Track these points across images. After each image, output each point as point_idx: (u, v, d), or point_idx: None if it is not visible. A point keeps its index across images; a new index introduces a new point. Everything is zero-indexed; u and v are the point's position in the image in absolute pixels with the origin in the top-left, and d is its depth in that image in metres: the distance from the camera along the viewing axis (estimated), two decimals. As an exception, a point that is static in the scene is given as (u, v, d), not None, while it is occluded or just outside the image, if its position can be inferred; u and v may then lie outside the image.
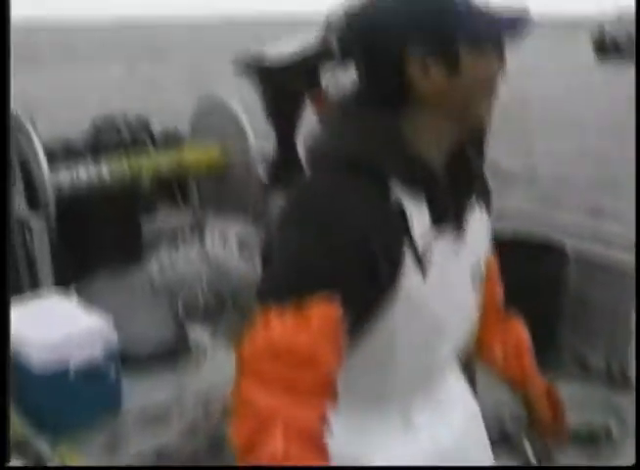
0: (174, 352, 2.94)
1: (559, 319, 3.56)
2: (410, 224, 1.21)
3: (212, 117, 4.14)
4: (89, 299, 3.06)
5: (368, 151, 1.22)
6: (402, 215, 1.20)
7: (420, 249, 1.22)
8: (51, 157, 3.82)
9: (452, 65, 1.22)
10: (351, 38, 1.28)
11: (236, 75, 1.87)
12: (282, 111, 2.07)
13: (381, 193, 1.20)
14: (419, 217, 1.22)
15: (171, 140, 4.66)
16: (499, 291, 1.64)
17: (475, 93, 1.25)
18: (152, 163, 3.89)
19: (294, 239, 1.20)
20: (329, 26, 1.72)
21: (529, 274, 3.38)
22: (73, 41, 32.46)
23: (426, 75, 1.22)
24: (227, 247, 3.41)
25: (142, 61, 25.77)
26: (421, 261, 1.22)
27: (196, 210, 4.66)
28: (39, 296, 2.97)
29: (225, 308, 3.30)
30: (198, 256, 3.36)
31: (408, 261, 1.21)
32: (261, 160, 3.80)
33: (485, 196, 1.40)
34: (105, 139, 4.26)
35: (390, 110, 1.25)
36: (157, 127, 5.05)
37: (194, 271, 3.31)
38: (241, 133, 3.89)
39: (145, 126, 4.61)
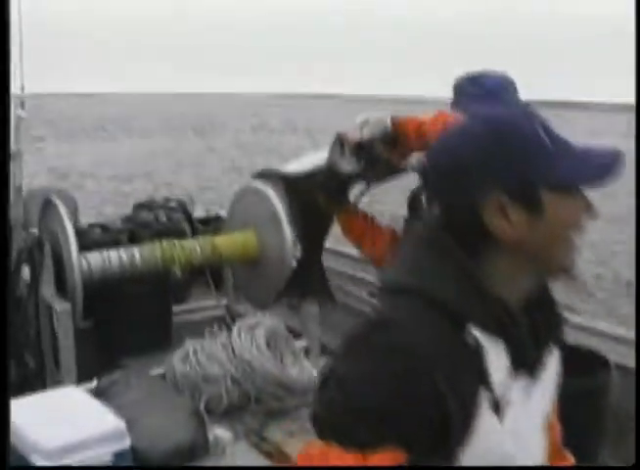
0: (191, 452, 2.82)
1: (601, 437, 3.37)
2: (487, 366, 1.16)
3: (250, 205, 4.10)
4: (109, 390, 2.97)
5: (447, 289, 1.17)
6: (480, 357, 1.16)
7: (497, 391, 1.16)
8: (84, 240, 3.80)
9: (533, 208, 1.17)
10: (430, 174, 1.25)
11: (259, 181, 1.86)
12: (308, 223, 2.03)
13: (458, 333, 1.15)
14: (497, 358, 1.17)
15: (211, 225, 4.65)
16: (559, 429, 1.57)
17: (558, 236, 1.20)
18: (186, 251, 3.83)
19: (360, 373, 1.14)
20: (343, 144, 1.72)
21: (569, 386, 3.21)
22: (119, 114, 33.33)
23: (505, 217, 1.17)
24: (255, 342, 3.30)
25: (188, 135, 26.30)
26: (498, 405, 1.17)
27: (230, 297, 4.59)
28: (57, 388, 2.90)
29: (248, 408, 3.18)
30: (223, 350, 3.26)
31: (484, 404, 1.15)
32: (296, 253, 3.73)
33: (560, 332, 1.35)
34: (141, 224, 4.25)
35: (470, 248, 1.20)
36: (199, 210, 5.07)
37: (218, 366, 3.21)
38: (277, 225, 3.82)
39: (184, 211, 4.61)
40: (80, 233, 3.95)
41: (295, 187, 1.95)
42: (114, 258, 3.63)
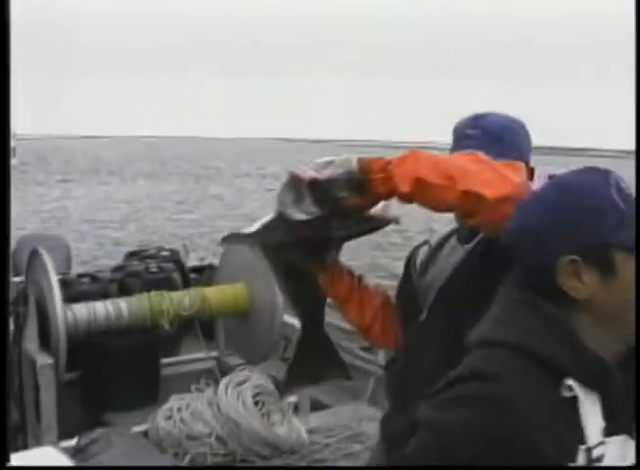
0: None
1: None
2: (583, 419, 1.16)
3: (241, 258, 4.04)
4: (89, 448, 2.89)
5: (544, 342, 1.19)
6: (575, 409, 1.16)
7: (592, 445, 1.15)
8: (72, 290, 3.74)
9: (605, 269, 1.19)
10: (509, 238, 1.28)
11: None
12: (295, 287, 1.92)
13: (555, 385, 1.16)
14: (592, 412, 1.17)
15: (204, 274, 4.58)
16: None
17: (634, 296, 1.20)
18: (174, 303, 3.76)
19: (460, 423, 1.14)
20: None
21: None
22: (112, 158, 33.45)
23: (577, 278, 1.19)
24: (241, 399, 3.22)
25: (190, 180, 26.38)
26: (592, 459, 1.15)
27: (220, 349, 4.51)
28: (37, 443, 2.81)
29: (234, 467, 3.09)
30: (209, 407, 3.18)
31: (580, 458, 1.14)
32: (286, 306, 3.66)
33: None
34: (132, 274, 4.19)
35: (555, 307, 1.22)
36: (193, 258, 4.99)
37: (203, 424, 3.12)
38: (267, 278, 3.76)
39: (176, 261, 4.55)
40: (68, 283, 3.89)
41: (269, 248, 1.83)
42: (101, 309, 3.56)
